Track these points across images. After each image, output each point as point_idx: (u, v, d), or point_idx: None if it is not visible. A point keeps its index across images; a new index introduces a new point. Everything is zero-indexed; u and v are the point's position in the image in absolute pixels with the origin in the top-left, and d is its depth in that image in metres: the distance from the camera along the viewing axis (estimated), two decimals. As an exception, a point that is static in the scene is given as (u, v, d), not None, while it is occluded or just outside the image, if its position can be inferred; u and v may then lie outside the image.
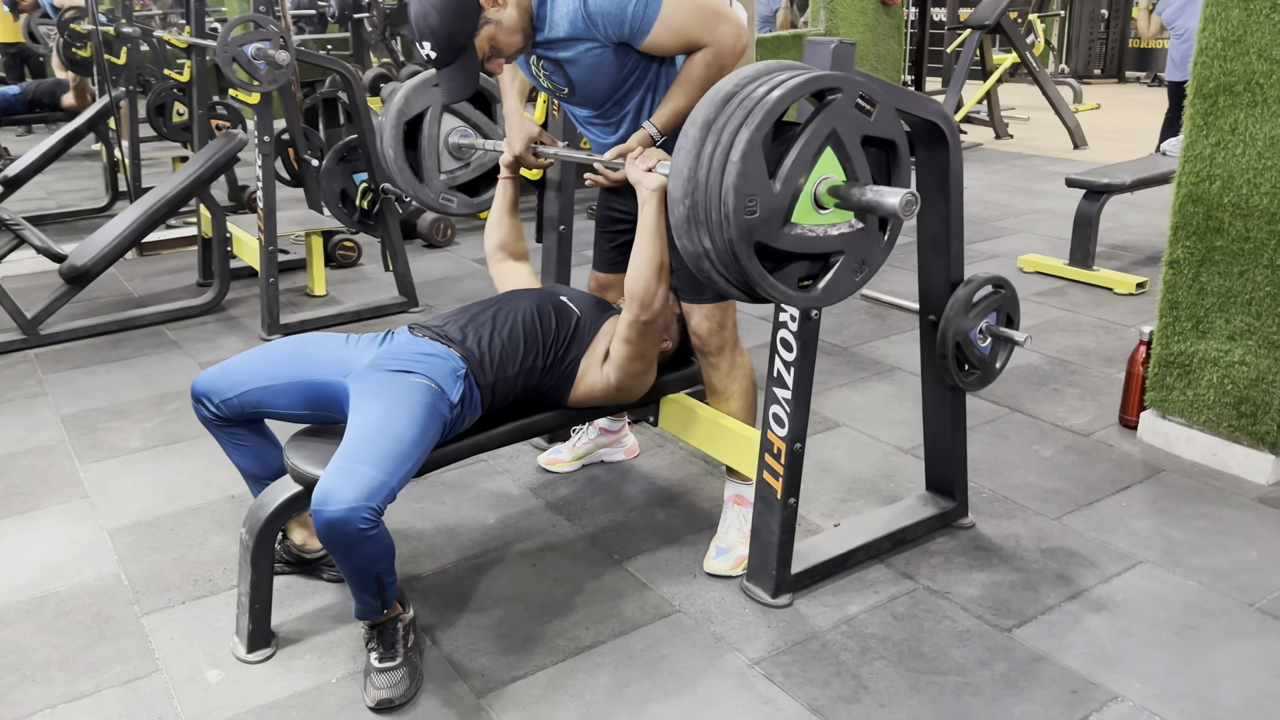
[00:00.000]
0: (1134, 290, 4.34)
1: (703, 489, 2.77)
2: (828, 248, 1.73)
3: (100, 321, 4.09)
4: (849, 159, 1.69)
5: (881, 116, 1.72)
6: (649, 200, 2.04)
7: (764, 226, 1.64)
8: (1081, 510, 2.61)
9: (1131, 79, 13.28)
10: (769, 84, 1.64)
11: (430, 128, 2.58)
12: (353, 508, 1.74)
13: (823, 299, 1.76)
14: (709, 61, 2.09)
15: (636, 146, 2.14)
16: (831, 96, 1.67)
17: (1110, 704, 1.91)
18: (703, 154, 1.63)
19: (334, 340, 2.19)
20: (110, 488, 2.82)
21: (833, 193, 1.68)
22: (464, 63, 2.09)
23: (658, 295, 2.08)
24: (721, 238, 1.63)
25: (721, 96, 1.66)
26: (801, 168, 1.66)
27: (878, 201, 1.64)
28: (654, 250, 2.05)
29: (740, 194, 1.59)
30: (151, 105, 5.89)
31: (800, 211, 1.68)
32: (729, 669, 2.03)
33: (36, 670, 2.06)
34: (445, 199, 2.63)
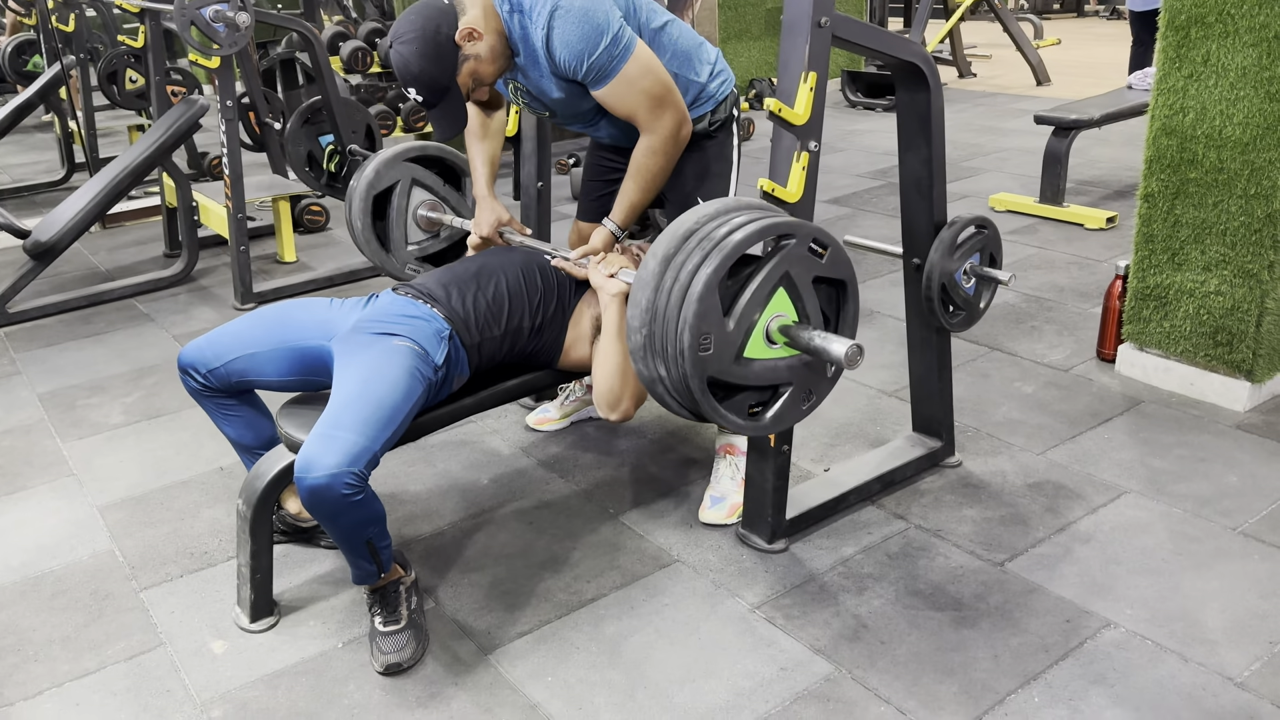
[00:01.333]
0: (1104, 225, 4.38)
1: (692, 440, 2.79)
2: (776, 379, 1.78)
3: (69, 297, 4.02)
4: (800, 299, 1.75)
5: (833, 258, 1.77)
6: (609, 304, 2.08)
7: (717, 361, 1.68)
8: (1065, 444, 2.66)
9: (1090, 13, 13.29)
10: (728, 225, 1.69)
11: (399, 200, 2.61)
12: (335, 474, 1.74)
13: (771, 426, 1.81)
14: (654, 150, 2.15)
15: (600, 248, 2.22)
16: (786, 241, 1.71)
17: (1104, 630, 1.97)
18: (661, 287, 1.67)
19: (318, 304, 2.17)
20: (96, 465, 2.79)
21: (784, 331, 1.73)
22: (450, 102, 2.13)
23: (624, 398, 2.09)
24: (677, 370, 1.67)
25: (682, 233, 1.69)
26: (755, 306, 1.70)
27: (825, 349, 1.70)
28: (616, 355, 2.07)
29: (696, 331, 1.63)
30: (103, 73, 5.73)
31: (752, 346, 1.73)
32: (731, 614, 2.07)
33: (39, 650, 2.05)
34: (411, 269, 2.65)
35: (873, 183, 5.45)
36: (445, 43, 2.05)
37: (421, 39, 2.03)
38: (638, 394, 2.10)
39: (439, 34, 2.04)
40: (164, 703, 1.90)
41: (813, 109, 1.95)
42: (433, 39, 2.04)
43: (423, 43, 2.03)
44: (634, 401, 2.10)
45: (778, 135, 2.01)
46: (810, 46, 1.91)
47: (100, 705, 1.90)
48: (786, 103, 1.95)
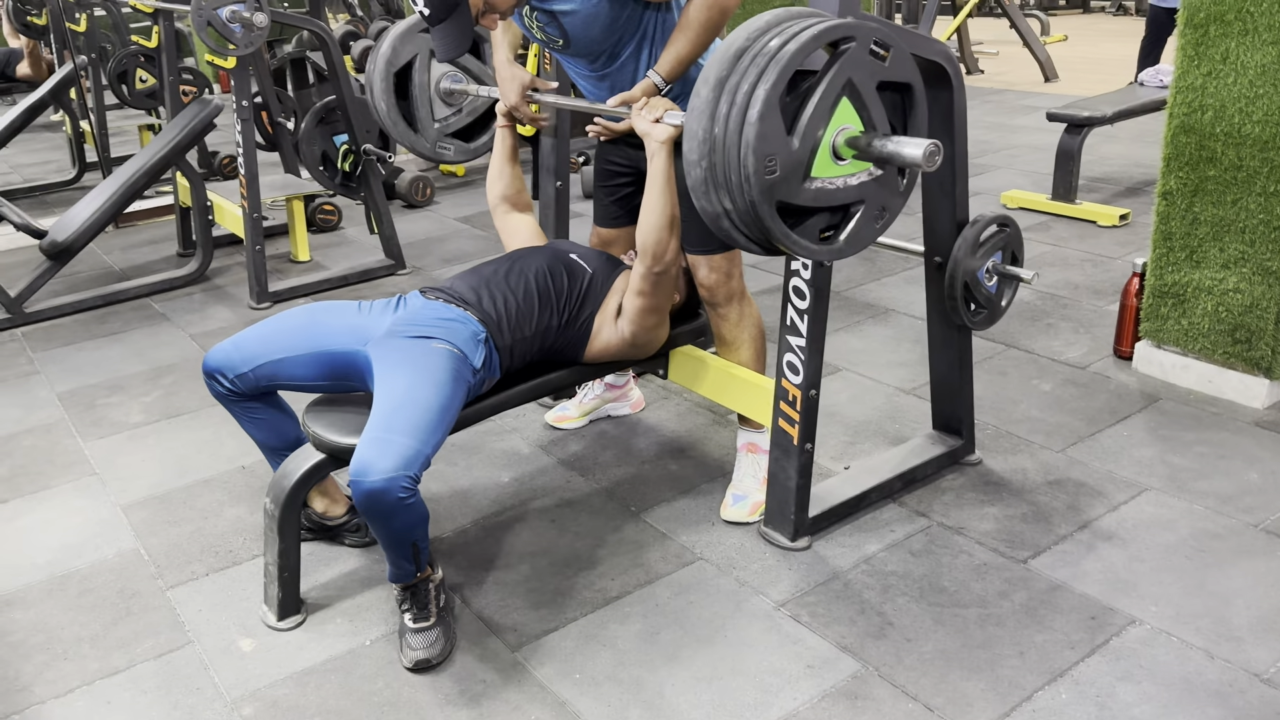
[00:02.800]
0: (1117, 222, 4.38)
1: (712, 438, 2.80)
2: (847, 199, 1.72)
3: (85, 297, 4.03)
4: (866, 108, 1.67)
5: (896, 61, 1.70)
6: (658, 152, 2.03)
7: (784, 184, 1.62)
8: (1084, 441, 2.66)
9: (1096, 8, 13.27)
10: (781, 36, 1.61)
11: (420, 75, 2.53)
12: (391, 477, 1.75)
13: (845, 250, 1.76)
14: (709, 4, 2.07)
15: (641, 96, 2.11)
16: (845, 45, 1.64)
17: (1129, 628, 1.97)
18: (717, 114, 1.59)
19: (346, 308, 2.17)
20: (117, 464, 2.80)
21: (851, 144, 1.66)
22: (457, 19, 2.04)
23: (670, 246, 2.08)
24: (743, 199, 1.61)
25: (733, 52, 1.62)
26: (819, 121, 1.63)
27: (898, 153, 1.63)
28: (665, 202, 2.05)
29: (760, 155, 1.56)
30: (113, 73, 5.75)
31: (819, 165, 1.66)
32: (756, 612, 2.07)
33: (68, 648, 2.07)
34: (442, 147, 2.59)
35: (883, 180, 5.44)
36: None
37: None
38: (679, 247, 2.12)
39: None
40: (194, 701, 1.91)
41: (838, 108, 1.95)
42: None
43: None
44: (676, 252, 2.11)
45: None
46: (836, 46, 1.91)
47: (131, 703, 1.91)
48: (812, 102, 1.94)
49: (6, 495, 2.66)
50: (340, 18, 9.10)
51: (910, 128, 1.77)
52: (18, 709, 1.91)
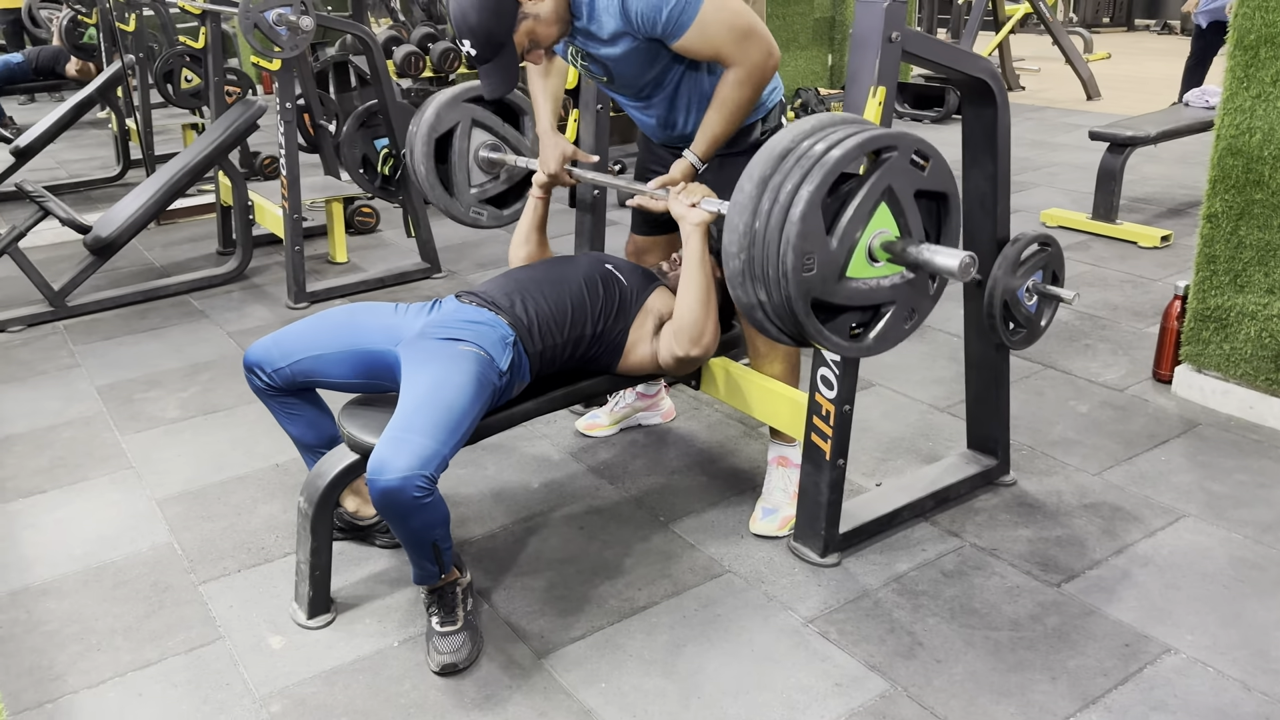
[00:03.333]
0: (1159, 244, 4.33)
1: (742, 451, 2.79)
2: (879, 299, 1.76)
3: (126, 292, 4.09)
4: (903, 213, 1.72)
5: (935, 171, 1.74)
6: (693, 235, 2.08)
7: (820, 283, 1.66)
8: (1121, 465, 2.63)
9: (1141, 26, 13.14)
10: (826, 141, 1.65)
11: (460, 142, 2.60)
12: (406, 476, 1.76)
13: (874, 348, 1.80)
14: (740, 81, 2.10)
15: (679, 178, 2.18)
16: (887, 155, 1.69)
17: (1164, 656, 1.94)
18: (759, 210, 1.64)
19: (384, 309, 2.19)
20: (154, 458, 2.84)
21: (887, 248, 1.71)
22: (504, 59, 2.10)
23: (707, 330, 2.10)
24: (779, 293, 1.65)
25: (778, 152, 1.66)
26: (858, 224, 1.68)
27: (933, 261, 1.67)
28: (700, 283, 2.08)
29: (799, 252, 1.61)
30: (159, 72, 5.84)
31: (855, 265, 1.71)
32: (784, 627, 2.06)
33: (102, 639, 2.09)
34: (475, 212, 2.65)
35: (921, 196, 5.41)
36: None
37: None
38: (717, 328, 2.12)
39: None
40: (224, 696, 1.92)
41: (880, 123, 1.95)
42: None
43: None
44: (715, 335, 2.12)
45: (844, 149, 2.00)
46: (880, 61, 1.91)
47: (162, 696, 1.93)
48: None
49: (45, 486, 2.70)
50: (382, 22, 9.20)
51: (944, 234, 1.81)
52: (51, 697, 1.93)
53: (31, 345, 3.70)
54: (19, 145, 5.62)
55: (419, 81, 5.98)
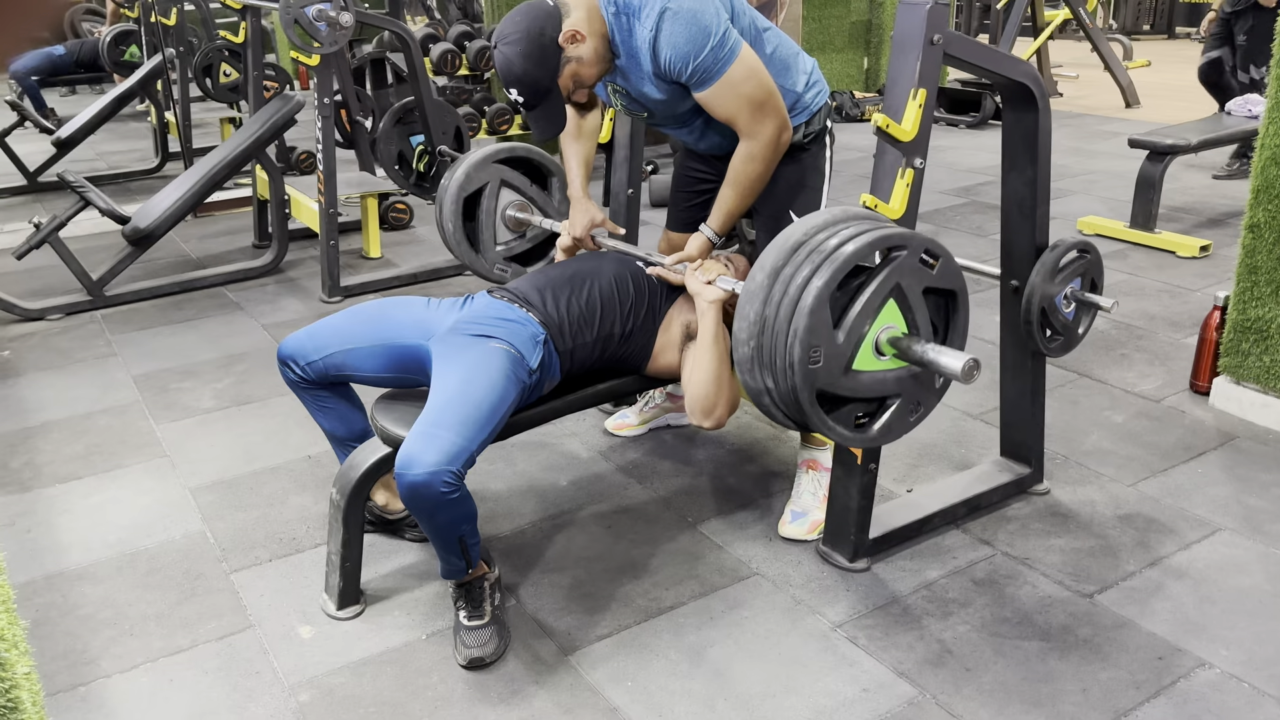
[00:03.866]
0: (1197, 253, 4.27)
1: (771, 453, 2.78)
2: (884, 391, 1.77)
3: (163, 283, 4.14)
4: (910, 310, 1.73)
5: (944, 269, 1.76)
6: (707, 312, 2.09)
7: (826, 374, 1.67)
8: (1157, 476, 2.59)
9: (1182, 34, 12.97)
10: (838, 237, 1.68)
11: (488, 202, 2.65)
12: (434, 471, 1.77)
13: (878, 439, 1.80)
14: (753, 156, 2.15)
15: (696, 255, 2.23)
16: (897, 252, 1.70)
17: (1198, 670, 1.91)
18: (770, 299, 1.66)
19: (416, 303, 2.21)
20: (187, 447, 2.87)
21: (893, 343, 1.72)
22: (550, 103, 2.15)
23: (719, 405, 2.09)
24: (785, 382, 1.67)
25: (790, 245, 1.69)
26: (865, 318, 1.70)
27: (937, 362, 1.69)
28: (713, 361, 2.08)
29: (806, 345, 1.63)
30: (198, 66, 5.91)
31: (861, 358, 1.72)
32: (812, 631, 2.05)
33: (135, 625, 2.12)
34: (500, 269, 2.69)
35: (956, 200, 5.38)
36: (549, 45, 2.06)
37: (526, 40, 2.05)
38: (732, 401, 2.10)
39: (543, 36, 2.06)
40: (253, 684, 1.94)
41: (920, 126, 1.94)
42: (537, 40, 2.06)
43: (527, 44, 2.06)
44: (728, 409, 2.10)
45: (882, 150, 2.00)
46: (921, 64, 1.90)
47: (193, 683, 1.95)
48: (894, 119, 1.93)
49: (82, 472, 2.74)
50: (419, 20, 9.26)
51: (952, 331, 1.83)
52: (84, 681, 1.96)
53: (70, 334, 3.75)
54: (60, 136, 5.71)
55: (455, 79, 6.02)
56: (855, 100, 7.65)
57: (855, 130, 7.17)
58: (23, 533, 2.46)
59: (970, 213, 5.12)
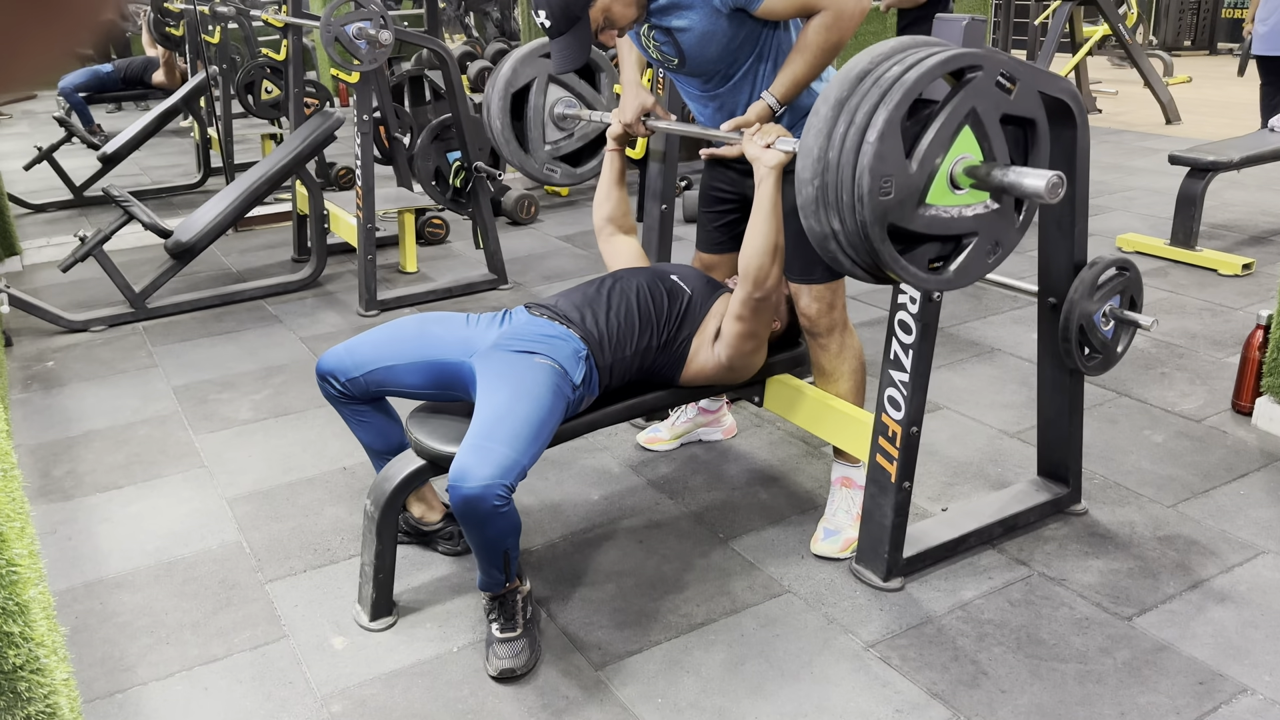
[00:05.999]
0: (1240, 271, 4.20)
1: (804, 469, 2.76)
2: (961, 229, 1.69)
3: (203, 296, 4.21)
4: (987, 138, 1.65)
5: (1022, 94, 1.67)
6: (766, 177, 2.03)
7: (898, 208, 1.60)
8: (1197, 498, 2.55)
9: (1224, 50, 12.81)
10: (905, 62, 1.60)
11: (536, 98, 2.60)
12: (488, 485, 1.78)
13: (955, 281, 1.73)
14: (829, 25, 2.06)
15: (754, 120, 2.12)
16: (971, 75, 1.63)
17: (1240, 696, 1.87)
18: (834, 134, 1.59)
19: (455, 320, 2.22)
20: (225, 458, 2.90)
21: (970, 173, 1.64)
22: (577, 33, 2.10)
23: (772, 273, 2.08)
24: (853, 219, 1.59)
25: (855, 74, 1.61)
26: (939, 147, 1.61)
27: (1019, 183, 1.60)
28: (769, 228, 2.05)
29: (876, 175, 1.55)
30: (241, 83, 6.01)
31: (935, 192, 1.64)
32: (844, 651, 2.03)
33: (170, 633, 2.14)
34: (549, 169, 2.65)
35: (992, 218, 5.33)
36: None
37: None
38: (781, 273, 2.11)
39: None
40: (286, 694, 1.96)
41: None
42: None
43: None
44: (778, 280, 2.11)
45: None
46: (958, 79, 1.88)
47: (227, 692, 1.97)
48: (930, 135, 1.92)
49: (122, 481, 2.78)
50: (457, 38, 9.37)
51: (1032, 163, 1.74)
52: (121, 688, 1.98)
53: (112, 345, 3.82)
54: (106, 152, 5.83)
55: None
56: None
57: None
58: (64, 540, 2.50)
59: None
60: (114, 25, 8.23)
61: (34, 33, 0.36)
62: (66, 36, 0.37)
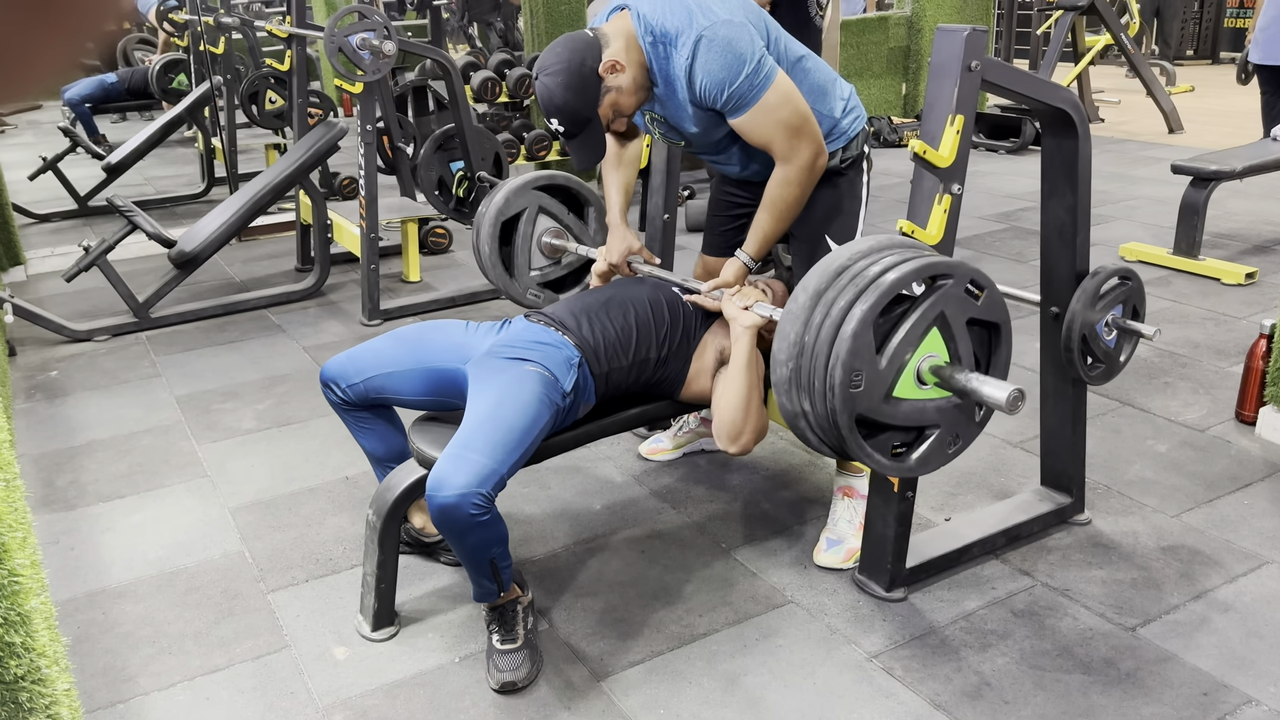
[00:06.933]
0: (1243, 281, 4.20)
1: (806, 479, 2.76)
2: (924, 421, 1.76)
3: (206, 305, 4.21)
4: (954, 340, 1.73)
5: (989, 301, 1.76)
6: (741, 336, 2.11)
7: (867, 399, 1.67)
8: (1201, 508, 2.54)
9: (1226, 59, 12.82)
10: (882, 264, 1.68)
11: (525, 227, 2.67)
12: (464, 494, 1.78)
13: (915, 469, 1.79)
14: (789, 180, 2.15)
15: (733, 281, 2.24)
16: (942, 282, 1.70)
17: (1244, 707, 1.87)
18: (811, 322, 1.66)
19: (454, 327, 2.23)
20: (228, 467, 2.91)
21: (935, 372, 1.72)
22: (591, 132, 2.17)
23: (745, 430, 2.10)
24: (824, 405, 1.67)
25: (834, 269, 1.69)
26: (908, 346, 1.69)
27: (980, 391, 1.68)
28: (743, 387, 2.09)
29: (848, 368, 1.63)
30: (245, 93, 6.03)
31: (902, 386, 1.71)
32: (847, 661, 2.03)
33: (173, 643, 2.14)
34: (533, 295, 2.71)
35: (996, 225, 5.34)
36: (589, 75, 2.09)
37: (567, 72, 2.08)
38: (759, 429, 2.10)
39: (584, 67, 2.09)
40: (288, 704, 1.95)
41: (958, 152, 1.93)
42: (578, 72, 2.08)
43: (568, 75, 2.08)
44: (754, 436, 2.10)
45: (919, 176, 1.99)
46: (959, 90, 1.89)
47: (229, 702, 1.97)
48: (931, 144, 1.93)
49: (125, 491, 2.79)
50: (460, 48, 9.39)
51: (994, 364, 1.81)
52: (123, 698, 1.98)
53: (116, 354, 3.83)
54: (110, 162, 5.85)
55: (495, 106, 6.08)
56: (893, 126, 7.63)
57: (893, 156, 7.15)
58: (66, 550, 2.50)
59: (1010, 238, 5.08)
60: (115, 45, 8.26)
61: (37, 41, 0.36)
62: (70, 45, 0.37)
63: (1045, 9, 9.73)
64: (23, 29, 0.35)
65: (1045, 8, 9.92)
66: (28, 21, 0.35)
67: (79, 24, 0.37)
